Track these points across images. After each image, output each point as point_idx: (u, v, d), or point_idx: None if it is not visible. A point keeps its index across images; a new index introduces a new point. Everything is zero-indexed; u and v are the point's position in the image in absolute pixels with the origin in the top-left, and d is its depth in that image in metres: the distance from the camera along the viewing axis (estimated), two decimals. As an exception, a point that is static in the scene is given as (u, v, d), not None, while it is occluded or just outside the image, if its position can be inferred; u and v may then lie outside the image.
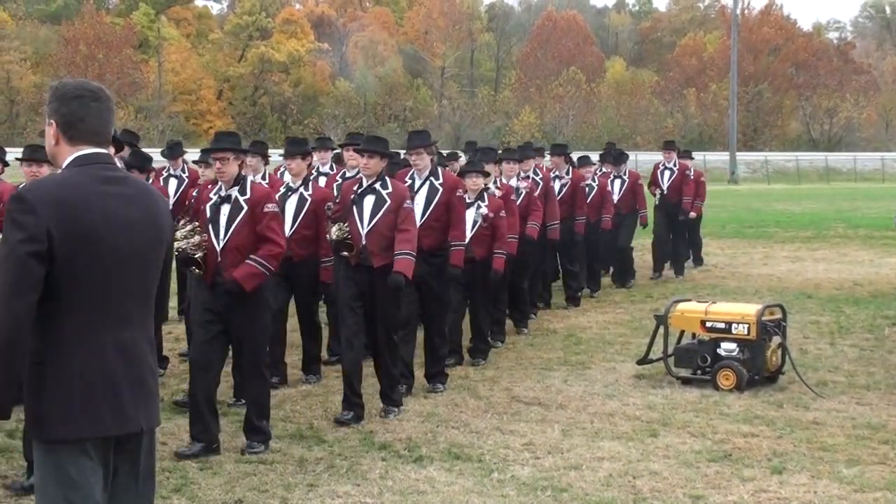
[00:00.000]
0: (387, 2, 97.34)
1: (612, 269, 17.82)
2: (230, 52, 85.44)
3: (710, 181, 65.78)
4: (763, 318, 9.92)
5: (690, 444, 7.98)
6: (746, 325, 9.88)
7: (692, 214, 18.49)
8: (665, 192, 18.25)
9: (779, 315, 10.28)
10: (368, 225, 8.70)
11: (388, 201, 8.72)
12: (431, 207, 9.65)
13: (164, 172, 13.41)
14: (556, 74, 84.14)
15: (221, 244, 7.86)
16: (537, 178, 13.69)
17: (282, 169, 11.77)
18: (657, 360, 10.48)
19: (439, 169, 9.96)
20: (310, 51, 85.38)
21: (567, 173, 15.12)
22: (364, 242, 8.68)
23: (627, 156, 18.33)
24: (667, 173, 18.37)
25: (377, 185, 8.78)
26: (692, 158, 19.82)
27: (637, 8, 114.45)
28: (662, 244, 18.51)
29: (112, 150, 4.20)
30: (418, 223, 9.27)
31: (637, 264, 18.05)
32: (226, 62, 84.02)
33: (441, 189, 9.69)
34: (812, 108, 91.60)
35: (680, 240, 18.84)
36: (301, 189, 10.03)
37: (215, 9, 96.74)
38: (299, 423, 8.63)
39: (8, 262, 3.72)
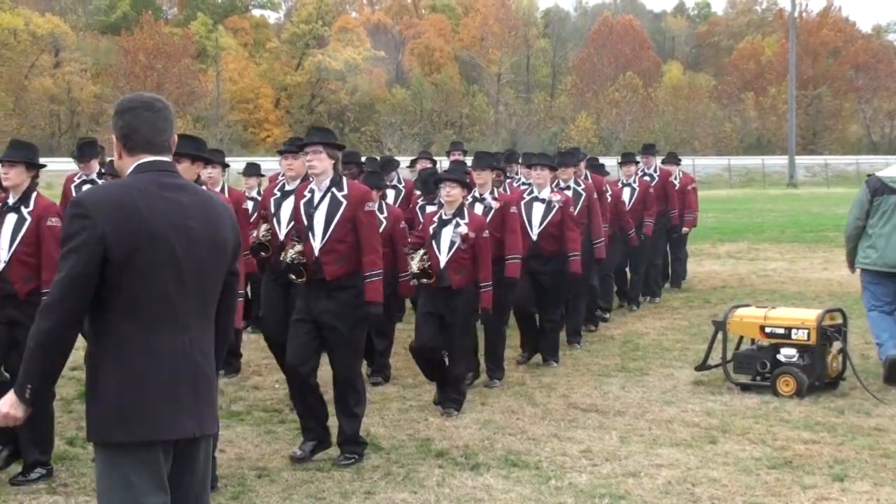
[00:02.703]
0: (442, 8, 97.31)
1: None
2: (287, 61, 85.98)
3: (769, 185, 64.37)
4: (823, 324, 9.81)
5: (750, 450, 7.91)
6: (806, 331, 9.77)
7: (684, 230, 16.77)
8: None
9: (839, 320, 10.16)
10: None
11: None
12: (333, 225, 7.73)
13: (75, 178, 11.34)
14: (612, 79, 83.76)
15: None
16: (580, 189, 12.31)
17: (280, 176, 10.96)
18: (716, 366, 10.39)
19: (344, 179, 7.95)
20: (366, 58, 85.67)
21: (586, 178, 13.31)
22: None
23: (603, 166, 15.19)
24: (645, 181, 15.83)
25: None
26: (678, 163, 17.20)
27: (695, 11, 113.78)
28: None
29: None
30: (317, 245, 7.74)
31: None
32: (283, 71, 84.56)
33: (345, 202, 7.74)
34: (872, 110, 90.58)
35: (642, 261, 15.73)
36: None
37: (272, 18, 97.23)
38: (356, 429, 8.63)
39: (65, 267, 3.84)
